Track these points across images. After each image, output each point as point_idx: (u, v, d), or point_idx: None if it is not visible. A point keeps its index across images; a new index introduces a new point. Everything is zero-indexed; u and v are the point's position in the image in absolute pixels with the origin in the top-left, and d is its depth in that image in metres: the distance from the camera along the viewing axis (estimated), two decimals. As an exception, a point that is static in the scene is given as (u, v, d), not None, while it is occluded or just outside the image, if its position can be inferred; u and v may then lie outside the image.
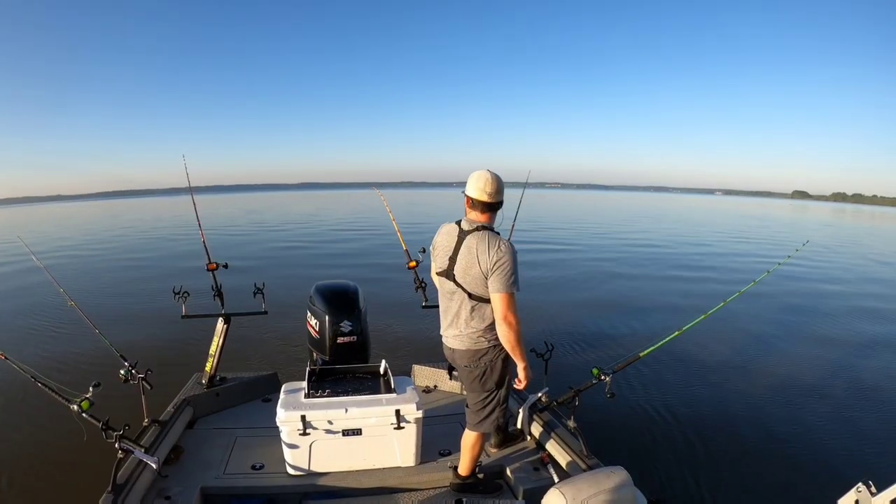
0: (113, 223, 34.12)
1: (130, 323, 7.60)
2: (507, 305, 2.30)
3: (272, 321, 5.90)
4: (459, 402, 3.22)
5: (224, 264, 3.83)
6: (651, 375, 5.56)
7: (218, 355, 3.73)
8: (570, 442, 2.93)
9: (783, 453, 4.16)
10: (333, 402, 2.80)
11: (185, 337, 6.32)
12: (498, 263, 2.29)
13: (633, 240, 20.72)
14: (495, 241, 2.34)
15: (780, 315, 8.65)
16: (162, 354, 5.79)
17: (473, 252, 2.35)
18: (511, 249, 2.32)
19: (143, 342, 6.40)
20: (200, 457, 3.00)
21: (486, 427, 2.62)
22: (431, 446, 3.05)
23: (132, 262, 14.58)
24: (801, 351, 6.80)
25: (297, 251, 16.30)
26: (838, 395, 5.33)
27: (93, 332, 3.28)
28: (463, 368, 2.58)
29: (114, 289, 10.62)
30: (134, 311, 8.39)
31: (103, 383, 2.60)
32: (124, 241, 21.47)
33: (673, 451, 4.15)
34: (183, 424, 3.27)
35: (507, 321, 2.32)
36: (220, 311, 3.74)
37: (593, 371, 2.94)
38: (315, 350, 3.53)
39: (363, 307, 3.57)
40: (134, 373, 2.96)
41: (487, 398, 2.57)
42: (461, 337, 2.49)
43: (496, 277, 2.30)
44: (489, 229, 2.41)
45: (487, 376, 2.52)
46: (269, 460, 2.94)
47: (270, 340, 6.48)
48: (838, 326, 8.12)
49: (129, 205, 75.56)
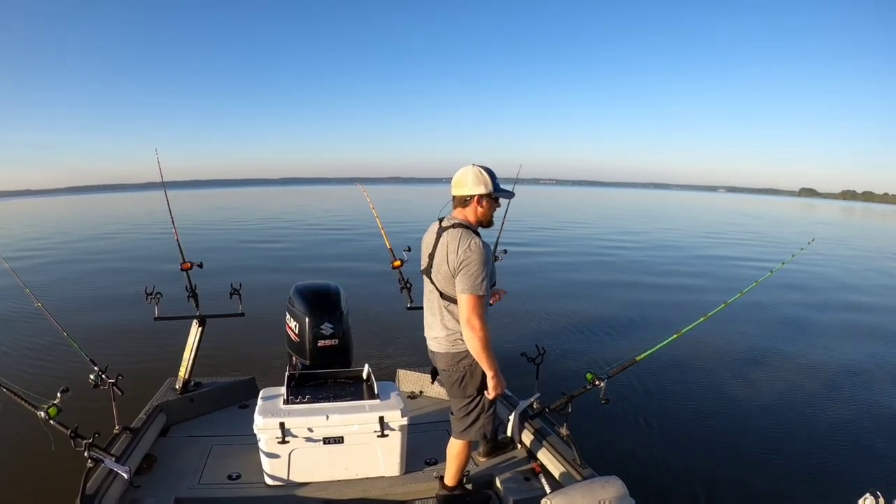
0: (84, 219, 33.81)
1: (100, 325, 7.57)
2: (471, 307, 2.29)
3: (249, 323, 5.85)
4: (446, 409, 3.23)
5: (199, 264, 3.83)
6: (648, 380, 5.61)
7: (192, 359, 3.72)
8: (562, 450, 2.95)
9: (787, 462, 4.21)
10: (314, 408, 2.81)
11: (158, 340, 6.28)
12: (465, 262, 2.30)
13: (630, 238, 20.88)
14: (466, 239, 2.34)
15: (783, 317, 8.77)
16: (133, 358, 5.78)
17: (445, 250, 2.39)
18: (481, 249, 2.32)
19: (114, 345, 6.38)
20: (174, 466, 2.99)
21: (472, 435, 2.62)
22: (417, 455, 3.07)
23: (102, 261, 14.49)
24: (806, 354, 6.89)
25: (276, 250, 16.30)
26: (845, 401, 5.39)
27: (61, 334, 3.27)
28: (442, 372, 2.60)
29: (83, 289, 10.55)
30: (104, 313, 8.35)
31: (72, 389, 2.59)
32: (95, 238, 21.33)
33: (671, 460, 4.19)
34: (156, 432, 3.27)
35: (470, 324, 2.31)
36: (194, 312, 3.74)
37: (587, 376, 2.94)
38: (294, 354, 3.54)
39: (345, 308, 3.58)
40: (104, 378, 2.95)
41: (470, 404, 2.57)
42: (439, 339, 2.52)
43: (461, 277, 2.31)
44: (465, 226, 2.42)
45: (467, 381, 2.51)
46: (246, 470, 2.95)
47: (247, 344, 6.47)
48: (846, 329, 8.24)
49: (101, 200, 74.90)
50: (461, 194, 2.44)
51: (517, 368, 3.07)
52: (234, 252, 15.57)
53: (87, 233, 24.35)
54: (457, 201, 2.47)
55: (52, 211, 49.40)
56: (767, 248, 19.21)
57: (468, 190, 2.43)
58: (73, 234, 23.56)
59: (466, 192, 2.43)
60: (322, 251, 16.21)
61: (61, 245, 19.09)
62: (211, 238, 19.47)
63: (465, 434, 2.62)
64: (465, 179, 2.43)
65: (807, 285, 11.66)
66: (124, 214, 37.30)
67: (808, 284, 11.78)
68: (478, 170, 2.43)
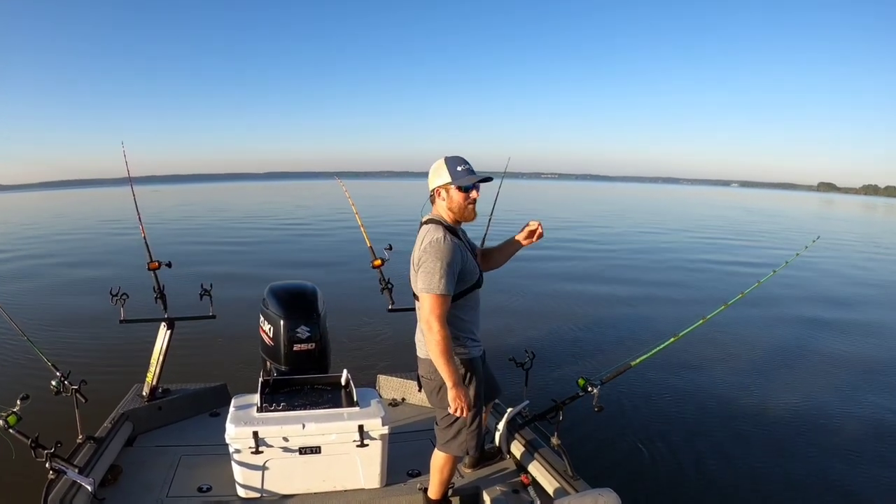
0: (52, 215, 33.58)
1: (63, 328, 7.58)
2: (429, 307, 2.29)
3: (221, 326, 5.93)
4: (430, 417, 3.26)
5: (167, 263, 3.85)
6: (644, 386, 5.64)
7: (160, 365, 3.75)
8: (553, 461, 2.98)
9: (791, 476, 4.24)
10: (289, 416, 2.83)
11: (124, 344, 6.30)
12: (423, 259, 2.33)
13: (629, 236, 21.01)
14: (429, 236, 2.38)
15: (786, 318, 8.85)
16: (98, 364, 5.81)
17: (415, 247, 2.44)
18: (440, 245, 2.31)
19: (77, 350, 6.42)
20: (141, 478, 3.02)
21: (455, 450, 2.61)
22: (399, 466, 3.10)
23: (66, 259, 14.45)
24: (810, 359, 6.95)
25: (250, 248, 16.33)
26: (853, 411, 5.42)
27: (20, 337, 3.28)
28: (422, 379, 2.60)
29: (44, 290, 10.52)
30: (67, 316, 8.33)
31: (32, 396, 2.61)
32: (60, 235, 21.21)
33: (668, 471, 4.24)
34: (121, 441, 3.30)
35: (427, 324, 2.31)
36: (162, 315, 3.76)
37: (579, 382, 2.96)
38: (268, 358, 3.55)
39: (323, 310, 3.60)
40: (67, 384, 2.97)
41: (451, 416, 2.52)
42: (420, 343, 2.54)
43: (420, 275, 2.34)
44: (436, 222, 2.45)
45: (444, 390, 2.44)
46: (217, 482, 2.98)
47: (219, 348, 6.51)
48: (854, 331, 8.32)
49: (75, 196, 74.41)
50: (429, 190, 2.51)
51: (505, 374, 3.10)
52: (205, 250, 15.58)
53: (53, 229, 24.21)
54: (431, 198, 2.53)
55: (20, 206, 49.14)
56: (772, 246, 19.26)
57: (431, 184, 2.48)
58: (37, 230, 23.47)
59: (431, 186, 2.49)
60: (300, 249, 16.26)
61: (23, 242, 19.03)
62: (182, 235, 19.42)
63: (447, 447, 2.63)
64: (430, 174, 2.48)
65: (810, 285, 11.76)
66: (95, 210, 37.11)
67: (811, 284, 11.88)
68: (440, 161, 2.44)
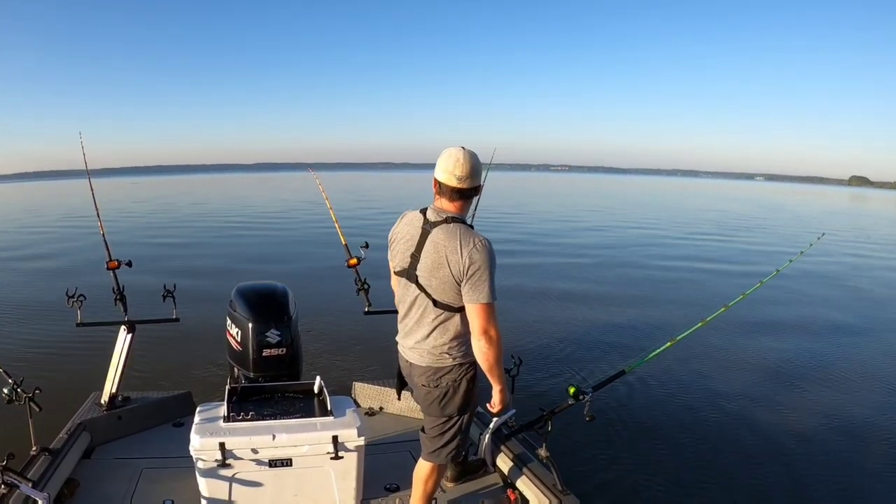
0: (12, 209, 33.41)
1: (15, 332, 7.62)
2: (487, 317, 2.31)
3: (185, 330, 5.94)
4: (410, 428, 3.30)
5: (127, 262, 3.89)
6: (639, 394, 5.65)
7: (120, 371, 3.78)
8: (541, 474, 3.03)
9: (795, 489, 4.32)
10: (258, 426, 2.83)
11: (81, 349, 6.36)
12: (474, 267, 2.28)
13: (627, 234, 21.12)
14: (469, 239, 2.32)
15: (788, 320, 8.94)
16: (53, 370, 5.84)
17: (442, 250, 2.34)
18: (489, 249, 2.31)
19: (31, 355, 6.44)
20: (99, 492, 3.06)
21: (442, 458, 2.67)
22: (376, 480, 3.14)
23: (18, 258, 14.45)
24: (815, 364, 7.03)
25: (216, 246, 16.44)
26: (863, 421, 5.47)
27: None
28: (420, 388, 2.60)
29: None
30: (19, 318, 8.37)
31: None
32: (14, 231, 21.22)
33: (663, 484, 4.30)
34: (78, 453, 3.33)
35: (487, 336, 2.33)
36: (122, 317, 3.79)
37: (570, 390, 2.98)
38: (236, 364, 3.58)
39: (294, 313, 3.63)
40: (19, 392, 2.99)
41: (447, 423, 2.60)
42: (421, 351, 2.53)
43: (474, 285, 2.29)
44: (461, 221, 2.40)
45: (449, 399, 2.52)
46: (180, 496, 3.01)
47: (183, 353, 6.55)
48: (863, 333, 8.44)
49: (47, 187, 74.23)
50: (467, 186, 2.39)
51: (488, 382, 3.17)
52: (168, 248, 15.63)
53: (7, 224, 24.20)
54: (451, 192, 2.41)
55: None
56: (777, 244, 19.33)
57: (476, 181, 2.42)
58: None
59: (475, 182, 2.41)
60: (271, 244, 16.45)
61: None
62: (150, 230, 19.47)
63: (436, 455, 2.67)
64: (474, 169, 2.38)
65: (815, 286, 11.88)
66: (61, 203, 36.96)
67: (815, 285, 11.99)
68: (474, 152, 2.41)
